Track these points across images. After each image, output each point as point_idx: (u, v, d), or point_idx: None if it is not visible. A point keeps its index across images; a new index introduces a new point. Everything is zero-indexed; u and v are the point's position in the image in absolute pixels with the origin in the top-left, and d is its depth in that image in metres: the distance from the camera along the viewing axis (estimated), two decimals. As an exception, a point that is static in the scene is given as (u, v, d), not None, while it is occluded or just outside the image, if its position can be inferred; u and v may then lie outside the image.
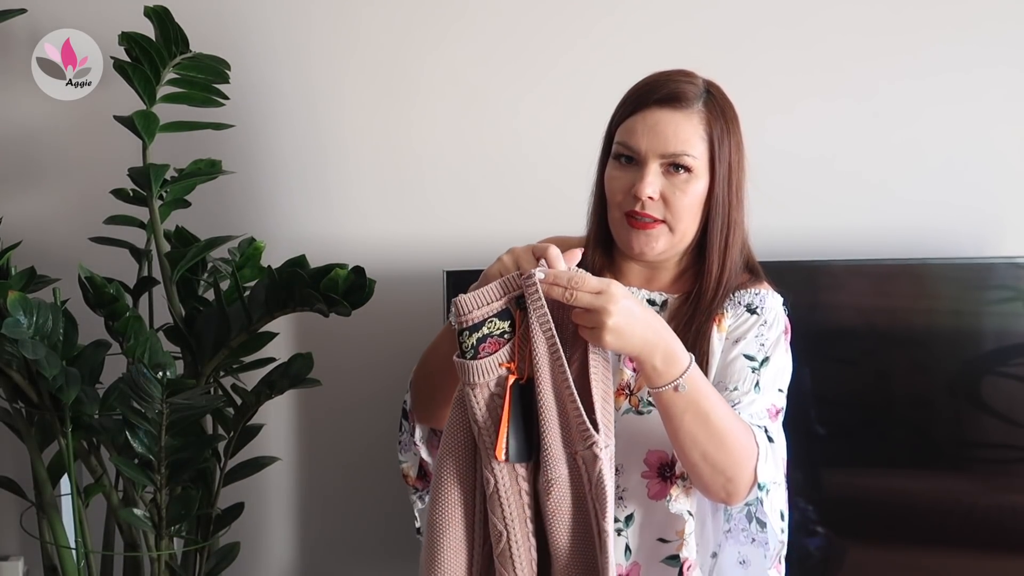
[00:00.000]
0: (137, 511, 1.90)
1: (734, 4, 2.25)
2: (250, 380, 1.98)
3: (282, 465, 2.25)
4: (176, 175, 2.00)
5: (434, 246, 2.23)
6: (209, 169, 2.03)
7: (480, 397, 1.34)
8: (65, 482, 2.01)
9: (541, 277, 1.31)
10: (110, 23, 1.95)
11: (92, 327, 1.92)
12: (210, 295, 1.99)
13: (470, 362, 1.32)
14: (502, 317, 1.33)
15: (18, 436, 1.97)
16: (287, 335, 2.19)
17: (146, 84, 1.90)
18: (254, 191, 2.23)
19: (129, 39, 1.88)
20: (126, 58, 1.90)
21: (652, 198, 1.48)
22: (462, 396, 1.37)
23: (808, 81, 2.26)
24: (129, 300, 1.98)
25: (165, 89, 1.94)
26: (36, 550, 2.08)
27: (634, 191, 1.48)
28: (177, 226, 2.02)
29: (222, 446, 1.98)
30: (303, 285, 1.80)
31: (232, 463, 2.00)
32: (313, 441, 2.31)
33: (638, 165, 1.49)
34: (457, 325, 1.32)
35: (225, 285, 1.98)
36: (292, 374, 1.92)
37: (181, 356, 1.97)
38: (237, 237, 2.04)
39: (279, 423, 2.29)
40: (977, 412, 2.17)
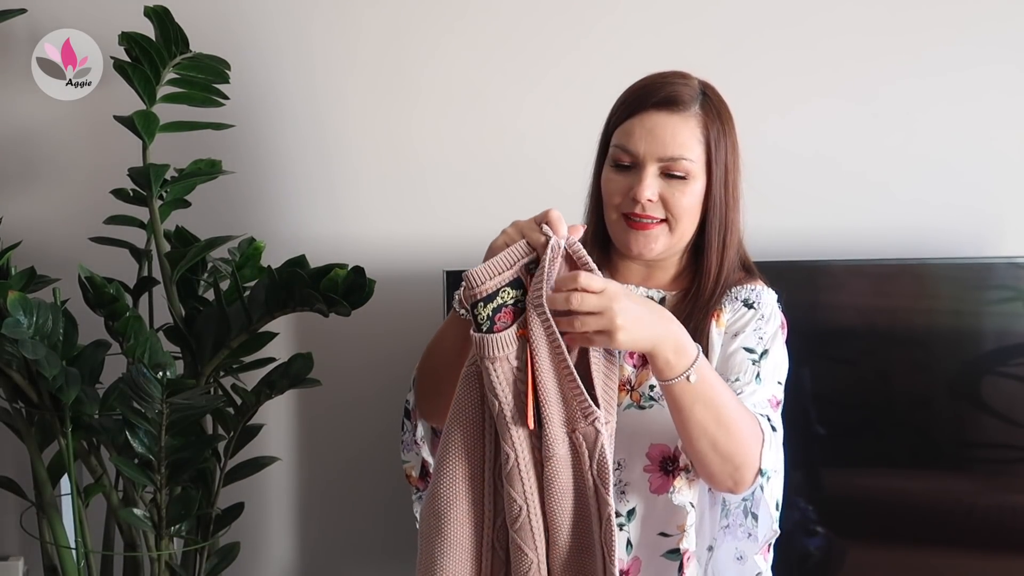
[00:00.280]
0: (137, 511, 1.90)
1: (734, 4, 2.25)
2: (250, 380, 1.98)
3: (282, 465, 2.25)
4: (176, 175, 2.00)
5: (434, 246, 2.23)
6: (209, 169, 2.03)
7: (500, 371, 1.33)
8: (65, 482, 2.01)
9: (557, 240, 1.32)
10: (110, 23, 1.96)
11: (92, 327, 1.92)
12: (210, 295, 1.99)
13: (488, 335, 1.32)
14: (514, 286, 1.33)
15: (18, 436, 1.97)
16: (287, 335, 2.19)
17: (146, 84, 1.90)
18: (254, 191, 2.23)
19: (129, 39, 1.88)
20: (126, 58, 1.90)
21: (651, 201, 1.48)
22: (472, 372, 1.36)
23: (808, 81, 2.26)
24: (129, 300, 1.98)
25: (165, 89, 1.94)
26: (36, 550, 2.08)
27: (633, 194, 1.48)
28: (177, 226, 2.02)
29: (222, 446, 1.98)
30: (303, 285, 1.80)
31: (232, 463, 2.00)
32: (313, 441, 2.31)
33: (636, 168, 1.49)
34: (470, 298, 1.32)
35: (225, 285, 1.98)
36: (292, 374, 1.92)
37: (181, 356, 1.98)
38: (237, 237, 2.04)
39: (279, 423, 2.29)
40: (977, 412, 2.17)
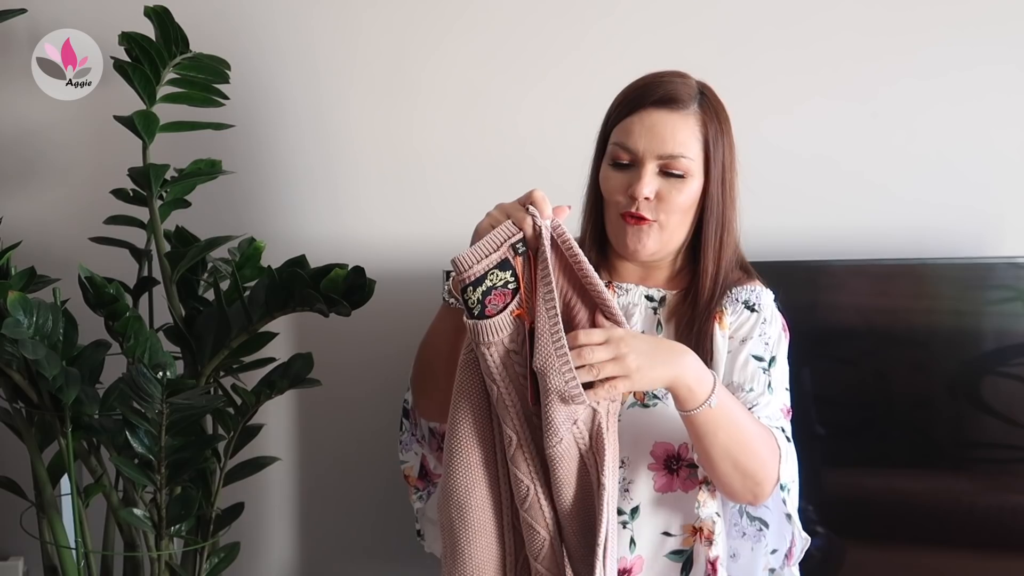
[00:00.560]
0: (137, 511, 1.90)
1: (734, 4, 2.24)
2: (250, 380, 1.98)
3: (282, 465, 2.25)
4: (176, 175, 2.00)
5: (434, 246, 2.23)
6: (209, 169, 2.03)
7: (496, 355, 1.33)
8: (65, 482, 2.01)
9: (542, 220, 1.32)
10: (110, 23, 1.95)
11: (92, 327, 1.92)
12: (210, 295, 1.99)
13: (482, 321, 1.32)
14: (503, 267, 1.32)
15: (18, 436, 1.97)
16: (287, 335, 2.19)
17: (146, 84, 1.90)
18: (254, 191, 2.23)
19: (129, 39, 1.88)
20: (126, 58, 1.90)
21: (649, 198, 1.48)
22: (469, 359, 1.37)
23: (808, 81, 2.26)
24: (129, 300, 1.98)
25: (165, 89, 1.94)
26: (36, 550, 2.08)
27: (631, 191, 1.48)
28: (177, 226, 2.02)
29: (222, 446, 1.98)
30: (303, 285, 1.80)
31: (232, 463, 2.00)
32: (313, 441, 2.31)
33: (635, 166, 1.49)
34: (459, 283, 1.31)
35: (225, 285, 1.98)
36: (292, 374, 1.92)
37: (181, 356, 1.97)
38: (237, 237, 2.04)
39: (279, 423, 2.29)
40: (977, 412, 2.17)
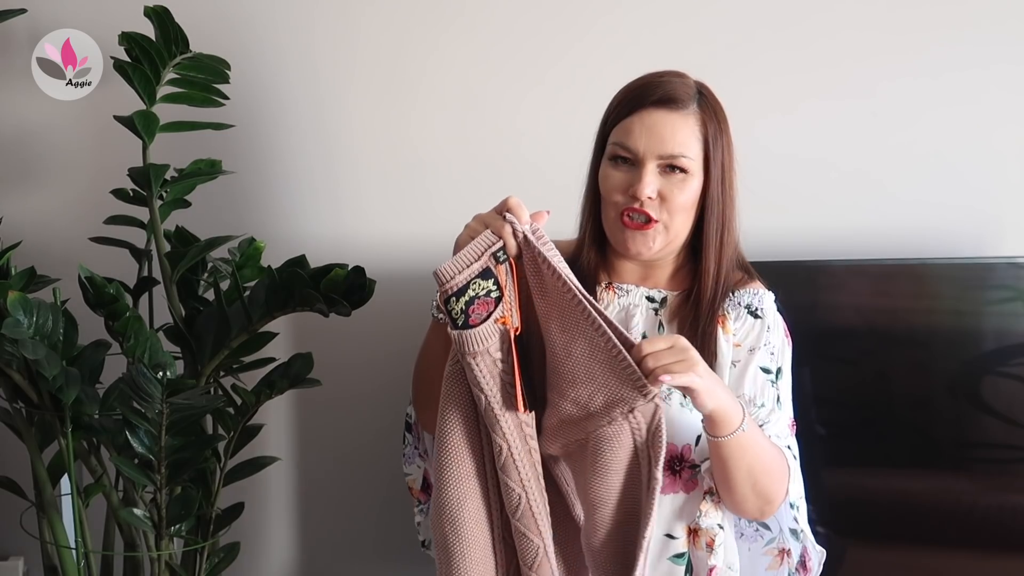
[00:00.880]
0: (137, 511, 1.90)
1: (733, 4, 2.24)
2: (250, 380, 1.98)
3: (282, 465, 2.25)
4: (176, 175, 2.00)
5: (434, 246, 2.22)
6: (209, 169, 2.03)
7: (483, 364, 1.33)
8: (65, 482, 2.01)
9: (521, 227, 1.32)
10: (110, 23, 1.95)
11: (92, 327, 1.92)
12: (210, 295, 1.99)
13: (467, 331, 1.32)
14: (484, 276, 1.33)
15: (18, 436, 1.97)
16: (287, 335, 2.19)
17: (146, 84, 1.90)
18: (254, 191, 2.23)
19: (129, 39, 1.88)
20: (126, 58, 1.90)
21: (651, 198, 1.48)
22: (455, 371, 1.37)
23: (808, 81, 2.26)
24: (129, 300, 1.98)
25: (165, 89, 1.94)
26: (36, 550, 2.08)
27: (632, 191, 1.48)
28: (177, 226, 2.02)
29: (222, 446, 1.98)
30: (303, 285, 1.80)
31: (232, 463, 2.00)
32: (313, 441, 2.31)
33: (635, 165, 1.49)
34: (443, 295, 1.32)
35: (225, 285, 1.98)
36: (292, 374, 1.92)
37: (181, 356, 1.97)
38: (237, 237, 2.04)
39: (279, 423, 2.29)
40: (977, 412, 2.17)
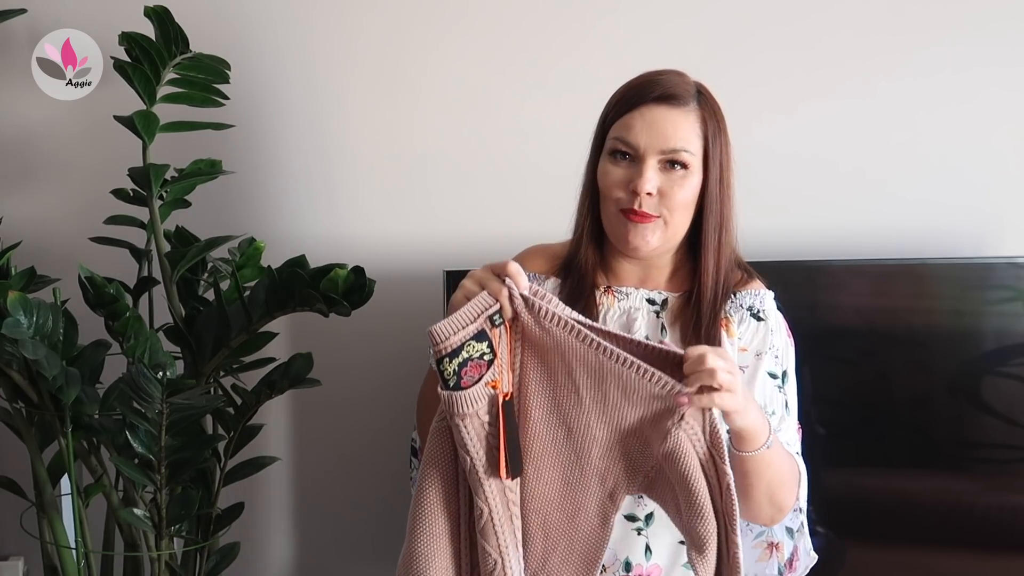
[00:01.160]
0: (137, 511, 1.90)
1: (733, 4, 2.24)
2: (250, 380, 1.98)
3: (282, 465, 2.25)
4: (176, 175, 2.00)
5: (434, 246, 2.23)
6: (209, 169, 2.03)
7: (470, 427, 1.32)
8: (65, 482, 2.01)
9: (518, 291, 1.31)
10: (110, 23, 1.95)
11: (92, 327, 1.92)
12: (210, 295, 1.99)
13: (456, 392, 1.30)
14: (479, 339, 1.31)
15: (18, 436, 1.97)
16: (287, 335, 2.19)
17: (146, 84, 1.90)
18: (254, 191, 2.23)
19: (129, 39, 1.88)
20: (126, 58, 1.90)
21: (651, 194, 1.48)
22: (441, 428, 1.35)
23: (808, 81, 2.26)
24: (129, 300, 1.98)
25: (165, 89, 1.94)
26: (36, 550, 2.08)
27: (633, 187, 1.48)
28: (177, 226, 2.02)
29: (222, 446, 1.98)
30: (303, 285, 1.80)
31: (232, 463, 2.00)
32: (313, 441, 2.31)
33: (635, 161, 1.49)
34: (436, 354, 1.29)
35: (225, 285, 1.98)
36: (292, 374, 1.92)
37: (181, 356, 1.97)
38: (237, 237, 2.04)
39: (279, 423, 2.29)
40: (977, 412, 2.17)
